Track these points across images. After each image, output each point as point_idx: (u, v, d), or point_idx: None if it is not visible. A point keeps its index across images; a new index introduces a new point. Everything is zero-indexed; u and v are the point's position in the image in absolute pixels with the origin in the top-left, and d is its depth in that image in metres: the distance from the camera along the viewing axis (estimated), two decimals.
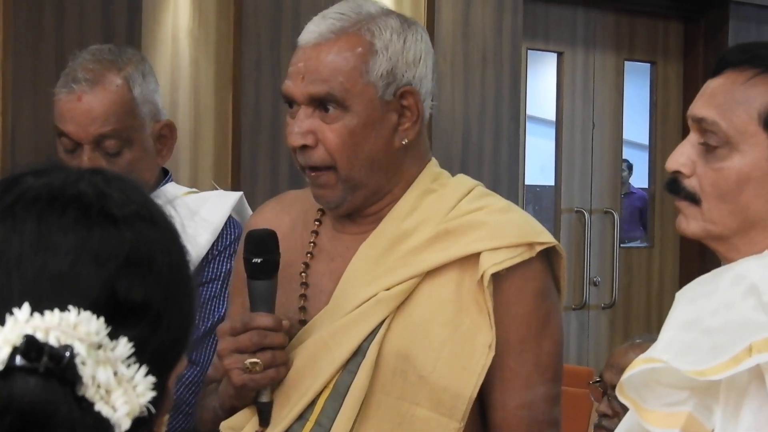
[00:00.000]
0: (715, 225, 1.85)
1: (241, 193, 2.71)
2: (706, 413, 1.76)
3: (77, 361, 1.05)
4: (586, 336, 7.20)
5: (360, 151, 2.05)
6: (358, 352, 2.04)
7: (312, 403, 2.05)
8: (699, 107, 1.86)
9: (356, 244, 2.11)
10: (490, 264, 2.03)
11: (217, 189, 2.87)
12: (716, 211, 1.84)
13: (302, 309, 2.12)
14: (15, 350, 1.04)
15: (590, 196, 7.25)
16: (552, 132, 7.21)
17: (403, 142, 2.08)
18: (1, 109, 4.61)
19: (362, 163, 2.06)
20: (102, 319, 1.08)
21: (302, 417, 2.06)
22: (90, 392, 1.06)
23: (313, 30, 2.08)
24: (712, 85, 1.87)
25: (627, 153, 7.48)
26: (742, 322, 1.74)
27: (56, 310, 1.07)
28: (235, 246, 2.58)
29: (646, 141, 7.64)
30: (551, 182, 7.21)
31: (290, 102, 2.08)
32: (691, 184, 1.85)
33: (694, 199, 1.85)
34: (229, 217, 2.64)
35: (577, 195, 7.20)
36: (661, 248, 7.55)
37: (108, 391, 1.07)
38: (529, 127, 7.00)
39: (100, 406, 1.06)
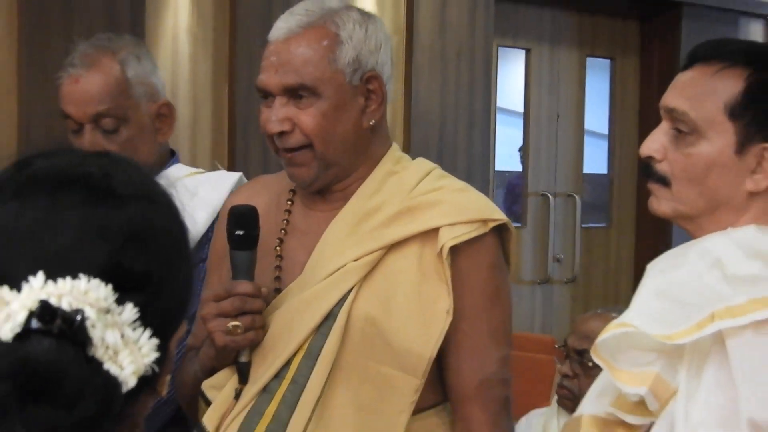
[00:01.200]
0: (684, 205, 1.86)
1: (240, 174, 2.68)
2: (672, 372, 1.78)
3: (87, 324, 1.06)
4: (550, 308, 7.22)
5: (333, 131, 2.08)
6: (329, 317, 2.06)
7: (287, 363, 2.08)
8: (670, 98, 1.86)
9: (326, 221, 2.14)
10: (449, 238, 2.06)
11: (219, 169, 2.85)
12: (685, 193, 1.85)
13: (277, 279, 2.14)
14: (31, 314, 1.05)
15: (554, 180, 7.26)
16: (520, 122, 7.20)
17: (371, 123, 2.11)
18: (18, 101, 4.60)
19: (336, 143, 2.08)
20: (110, 286, 1.09)
21: (279, 375, 2.08)
22: (99, 353, 1.07)
23: (281, 26, 2.10)
24: (683, 78, 1.87)
25: (588, 141, 7.48)
26: (706, 292, 1.76)
27: (68, 278, 1.08)
28: None
29: (605, 130, 7.65)
30: (519, 168, 7.23)
31: (265, 94, 2.10)
32: (662, 168, 1.87)
33: (665, 182, 1.87)
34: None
35: (543, 180, 7.21)
36: (618, 228, 7.56)
37: (116, 352, 1.08)
38: (500, 117, 7.00)
39: (108, 366, 1.07)
